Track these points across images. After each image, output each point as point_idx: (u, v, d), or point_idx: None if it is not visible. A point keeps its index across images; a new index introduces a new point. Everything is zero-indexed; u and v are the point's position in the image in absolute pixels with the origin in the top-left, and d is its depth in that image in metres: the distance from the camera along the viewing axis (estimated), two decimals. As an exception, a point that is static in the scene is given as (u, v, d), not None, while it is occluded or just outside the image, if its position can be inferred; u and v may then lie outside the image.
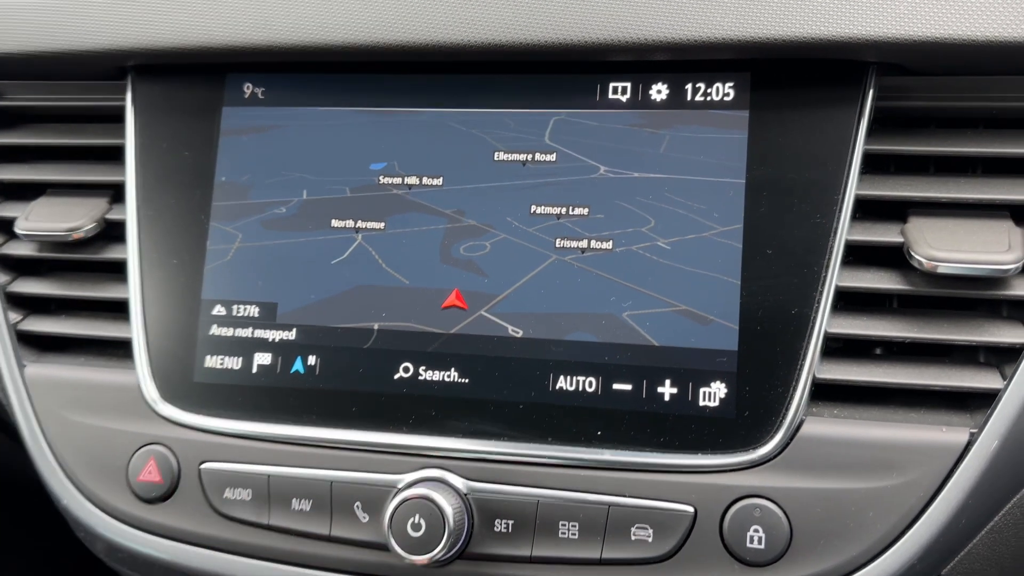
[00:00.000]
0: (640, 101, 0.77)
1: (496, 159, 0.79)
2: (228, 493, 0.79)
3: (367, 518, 0.76)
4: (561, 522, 0.73)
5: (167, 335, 0.83)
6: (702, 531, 0.72)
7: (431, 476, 0.75)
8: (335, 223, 0.82)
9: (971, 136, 0.76)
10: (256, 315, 0.82)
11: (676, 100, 0.77)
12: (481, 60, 0.80)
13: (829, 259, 0.72)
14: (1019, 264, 0.70)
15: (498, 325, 0.77)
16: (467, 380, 0.77)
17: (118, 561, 0.85)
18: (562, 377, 0.75)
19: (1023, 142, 0.75)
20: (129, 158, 0.86)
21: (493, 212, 0.79)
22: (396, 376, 0.78)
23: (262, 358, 0.81)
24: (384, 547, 0.73)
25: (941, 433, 0.71)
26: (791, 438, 0.72)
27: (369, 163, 0.82)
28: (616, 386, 0.74)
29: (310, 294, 0.81)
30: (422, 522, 0.72)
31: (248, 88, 0.85)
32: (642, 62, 0.77)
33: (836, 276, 0.72)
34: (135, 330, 0.83)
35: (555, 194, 0.78)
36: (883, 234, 0.74)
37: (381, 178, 0.81)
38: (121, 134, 0.87)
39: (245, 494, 0.79)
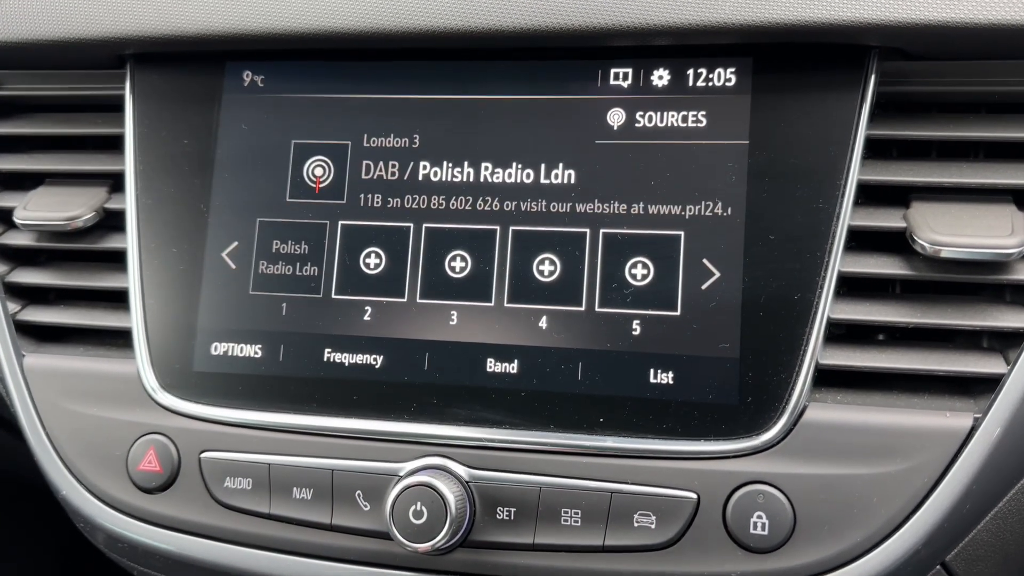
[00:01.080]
0: (641, 87, 0.77)
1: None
2: (228, 482, 0.79)
3: (368, 506, 0.76)
4: (563, 509, 0.73)
5: (166, 324, 0.82)
6: (705, 518, 0.72)
7: (433, 464, 0.75)
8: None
9: (973, 121, 0.76)
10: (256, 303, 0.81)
11: (677, 85, 0.77)
12: (480, 46, 0.80)
13: (831, 244, 0.72)
14: (1022, 248, 0.70)
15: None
16: (467, 367, 0.77)
17: (118, 552, 0.85)
18: (563, 364, 0.75)
19: (1025, 126, 0.75)
20: (128, 147, 0.86)
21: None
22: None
23: (262, 347, 0.80)
24: (386, 535, 0.73)
25: (945, 418, 0.71)
26: (794, 424, 0.71)
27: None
28: (618, 373, 0.74)
29: (310, 282, 0.80)
30: (424, 510, 0.71)
31: (248, 76, 0.84)
32: (643, 47, 0.77)
33: (839, 261, 0.72)
34: (135, 319, 0.83)
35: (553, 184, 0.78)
36: (885, 219, 0.74)
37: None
38: (120, 123, 0.87)
39: (246, 483, 0.78)
